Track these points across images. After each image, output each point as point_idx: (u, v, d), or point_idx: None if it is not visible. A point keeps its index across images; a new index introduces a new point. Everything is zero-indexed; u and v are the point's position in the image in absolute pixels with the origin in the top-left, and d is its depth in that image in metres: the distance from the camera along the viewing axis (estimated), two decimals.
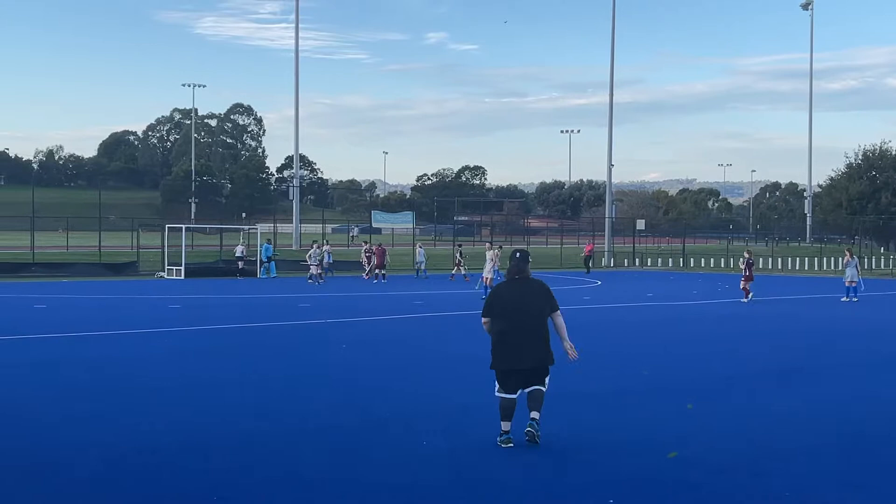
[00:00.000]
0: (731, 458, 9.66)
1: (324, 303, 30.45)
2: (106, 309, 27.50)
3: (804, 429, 11.21)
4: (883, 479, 9.01)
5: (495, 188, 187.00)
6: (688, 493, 8.41)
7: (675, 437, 10.62)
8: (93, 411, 11.79)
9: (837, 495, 8.42)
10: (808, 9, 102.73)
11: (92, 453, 9.60)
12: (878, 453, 10.03)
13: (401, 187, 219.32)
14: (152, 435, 10.45)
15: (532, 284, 10.22)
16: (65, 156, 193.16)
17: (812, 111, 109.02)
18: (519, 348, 9.91)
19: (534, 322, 9.98)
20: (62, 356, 16.86)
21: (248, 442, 10.16)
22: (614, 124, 72.97)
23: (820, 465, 9.50)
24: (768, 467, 9.34)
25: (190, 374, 14.98)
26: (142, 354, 17.20)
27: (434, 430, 10.74)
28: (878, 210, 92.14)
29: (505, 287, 10.29)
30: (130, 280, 43.83)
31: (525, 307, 10.00)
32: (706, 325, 24.61)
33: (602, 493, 8.34)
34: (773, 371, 16.05)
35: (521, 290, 10.14)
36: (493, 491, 8.42)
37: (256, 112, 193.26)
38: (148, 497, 8.14)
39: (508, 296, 10.12)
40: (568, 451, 9.94)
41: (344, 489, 8.43)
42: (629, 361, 16.91)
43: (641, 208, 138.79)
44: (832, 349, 19.58)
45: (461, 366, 16.00)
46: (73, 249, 61.62)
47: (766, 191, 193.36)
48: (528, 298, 10.06)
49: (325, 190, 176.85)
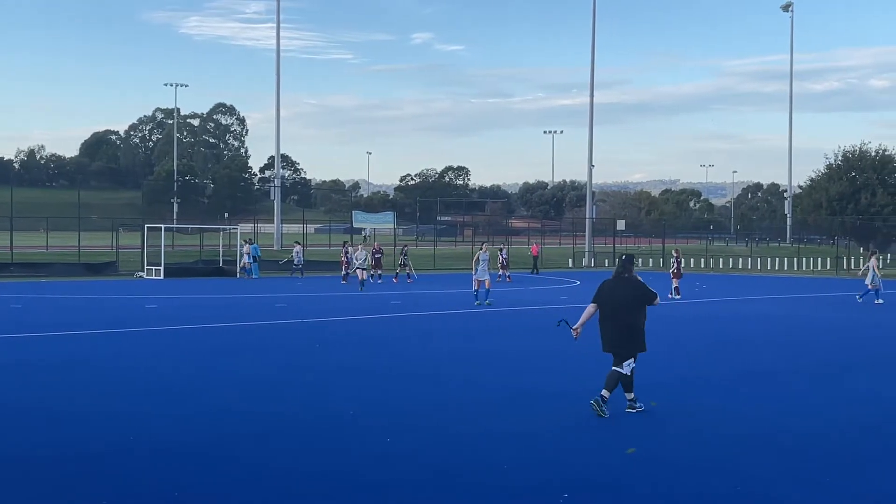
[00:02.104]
0: (687, 455, 9.81)
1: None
2: (81, 309, 27.49)
3: (771, 425, 11.39)
4: (835, 477, 9.18)
5: (479, 188, 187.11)
6: (644, 488, 8.56)
7: (635, 435, 10.77)
8: (46, 411, 11.86)
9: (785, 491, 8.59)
10: (789, 11, 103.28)
11: (41, 453, 9.68)
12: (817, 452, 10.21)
13: (385, 188, 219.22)
14: (117, 435, 10.54)
15: (629, 282, 12.05)
16: (46, 155, 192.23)
17: (792, 112, 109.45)
18: (605, 333, 11.94)
19: (620, 314, 11.80)
20: (27, 357, 16.92)
21: (217, 440, 10.26)
22: (599, 125, 73.44)
23: (773, 462, 9.66)
24: (725, 464, 9.50)
25: (158, 374, 15.05)
26: (113, 354, 17.24)
27: (400, 429, 10.87)
28: (858, 210, 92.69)
29: (607, 282, 12.19)
30: (109, 280, 43.76)
31: (616, 301, 11.88)
32: (678, 325, 24.75)
33: (557, 489, 8.47)
34: (738, 372, 16.22)
35: (618, 286, 12.02)
36: (449, 487, 8.55)
37: (239, 112, 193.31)
38: (127, 496, 8.23)
39: (607, 290, 12.09)
40: (527, 447, 10.07)
41: (304, 486, 8.54)
42: (603, 361, 17.05)
43: (624, 209, 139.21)
44: (807, 350, 19.76)
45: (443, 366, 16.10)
46: (53, 249, 61.43)
47: (747, 191, 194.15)
48: (620, 294, 11.91)
49: (307, 190, 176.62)
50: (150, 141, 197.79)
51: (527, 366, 16.44)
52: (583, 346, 19.23)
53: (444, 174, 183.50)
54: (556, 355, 17.66)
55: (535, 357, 17.58)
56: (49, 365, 15.79)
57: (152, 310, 27.32)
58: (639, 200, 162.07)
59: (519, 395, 13.39)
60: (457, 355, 17.69)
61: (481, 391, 13.70)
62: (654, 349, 19.30)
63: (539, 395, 13.30)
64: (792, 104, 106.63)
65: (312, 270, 51.80)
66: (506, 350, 18.54)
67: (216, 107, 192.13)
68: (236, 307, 28.81)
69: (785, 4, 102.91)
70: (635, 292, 11.97)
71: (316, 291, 36.83)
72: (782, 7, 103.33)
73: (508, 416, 11.82)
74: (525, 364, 16.63)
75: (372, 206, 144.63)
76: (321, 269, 52.38)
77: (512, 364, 16.62)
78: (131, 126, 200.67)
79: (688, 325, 24.39)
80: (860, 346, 20.27)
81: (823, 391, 14.24)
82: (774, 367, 16.59)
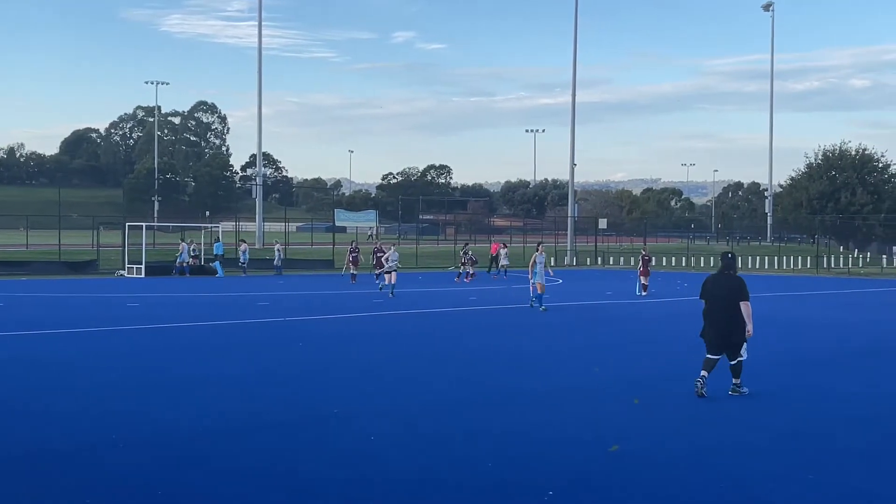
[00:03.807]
0: (670, 453, 9.85)
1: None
2: (60, 307, 27.36)
3: (747, 426, 11.45)
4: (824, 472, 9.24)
5: (461, 187, 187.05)
6: (626, 486, 8.58)
7: (618, 432, 10.80)
8: (28, 409, 11.80)
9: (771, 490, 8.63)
10: (769, 10, 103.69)
11: (19, 450, 9.64)
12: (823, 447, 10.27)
13: (366, 186, 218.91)
14: (99, 431, 10.50)
15: (731, 279, 13.27)
16: (26, 153, 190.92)
17: (773, 111, 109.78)
18: (712, 324, 13.17)
19: (725, 307, 13.05)
20: (5, 355, 16.84)
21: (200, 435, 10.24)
22: (581, 124, 73.57)
23: (759, 462, 9.71)
24: (710, 462, 9.54)
25: (137, 371, 14.99)
26: (94, 351, 17.18)
27: (381, 429, 10.87)
28: (838, 209, 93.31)
29: (712, 277, 13.56)
30: (90, 278, 43.56)
31: (720, 295, 13.17)
32: (660, 322, 24.83)
33: (542, 486, 8.49)
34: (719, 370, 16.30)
35: (722, 282, 13.30)
36: (433, 486, 8.56)
37: (221, 110, 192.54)
38: (111, 493, 8.20)
39: (712, 284, 13.40)
40: (511, 446, 10.09)
41: (284, 483, 8.53)
42: (581, 358, 17.12)
43: (605, 207, 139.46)
44: (800, 345, 19.86)
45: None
46: (33, 248, 61.07)
47: (728, 190, 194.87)
48: (723, 289, 13.19)
49: (289, 188, 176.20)
50: (131, 139, 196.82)
51: (513, 364, 16.45)
52: (563, 345, 19.26)
53: (426, 173, 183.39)
54: (543, 355, 17.70)
55: (523, 356, 17.60)
56: (30, 363, 15.70)
57: (134, 308, 27.21)
58: (620, 199, 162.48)
59: (505, 392, 13.41)
60: (444, 355, 17.71)
61: (468, 390, 13.71)
62: (631, 346, 19.50)
63: (522, 393, 13.32)
64: (773, 103, 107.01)
65: (294, 269, 51.73)
66: (497, 348, 18.56)
67: (197, 105, 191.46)
68: (220, 306, 28.71)
69: (766, 4, 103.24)
70: (738, 286, 13.15)
71: (298, 290, 36.78)
72: (763, 7, 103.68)
73: (492, 413, 11.83)
74: (512, 362, 16.65)
75: (354, 204, 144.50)
76: (302, 268, 52.15)
77: (500, 362, 16.63)
78: (112, 124, 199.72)
79: (662, 323, 24.46)
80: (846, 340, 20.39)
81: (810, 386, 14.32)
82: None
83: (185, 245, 48.68)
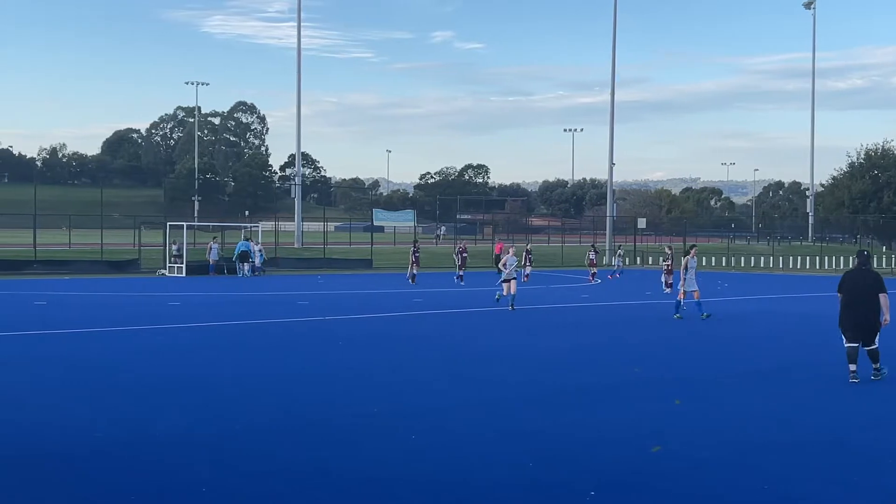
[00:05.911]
0: (712, 453, 9.78)
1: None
2: (103, 306, 27.65)
3: (783, 426, 11.34)
4: (861, 475, 9.13)
5: (498, 187, 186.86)
6: (669, 486, 8.54)
7: (660, 431, 10.74)
8: (64, 406, 11.95)
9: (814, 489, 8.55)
10: (811, 8, 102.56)
11: (65, 447, 9.76)
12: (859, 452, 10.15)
13: (404, 186, 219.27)
14: (144, 426, 10.61)
15: (868, 273, 14.71)
16: (68, 154, 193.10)
17: (814, 110, 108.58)
18: (852, 315, 14.43)
19: (863, 299, 14.40)
20: (56, 353, 17.04)
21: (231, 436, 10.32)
22: (619, 123, 73.29)
23: (798, 460, 9.62)
24: (749, 462, 9.46)
25: (179, 370, 15.12)
26: (138, 349, 17.35)
27: (421, 427, 10.89)
28: (880, 209, 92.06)
29: (850, 273, 14.95)
30: (131, 277, 44.01)
31: (859, 288, 14.50)
32: (699, 323, 24.65)
33: (584, 486, 8.47)
34: (760, 371, 16.16)
35: (861, 276, 14.67)
36: (478, 484, 8.56)
37: (260, 110, 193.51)
38: (150, 486, 8.29)
39: (851, 278, 14.76)
40: (552, 445, 10.06)
41: (325, 480, 8.57)
42: (622, 358, 17.03)
43: (644, 207, 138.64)
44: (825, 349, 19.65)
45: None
46: (76, 247, 61.77)
47: (769, 190, 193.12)
48: (861, 282, 14.54)
49: (327, 188, 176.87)
50: (172, 139, 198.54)
51: (552, 363, 16.40)
52: (608, 344, 19.18)
53: (463, 172, 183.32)
54: (582, 352, 17.64)
55: (561, 354, 17.55)
56: (71, 362, 15.89)
57: (175, 307, 27.44)
58: (659, 198, 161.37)
59: (547, 391, 13.39)
60: (481, 354, 17.72)
61: (506, 389, 13.71)
62: (653, 349, 19.40)
63: (566, 392, 13.29)
64: (814, 102, 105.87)
65: (333, 269, 51.99)
66: (536, 347, 18.53)
67: (237, 105, 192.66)
68: (261, 305, 28.87)
69: (807, 2, 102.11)
70: (875, 280, 14.52)
71: (338, 290, 36.93)
72: (804, 4, 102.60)
73: (533, 413, 11.81)
74: (550, 361, 16.60)
75: (392, 204, 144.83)
76: (341, 268, 52.28)
77: (538, 362, 16.60)
78: (153, 124, 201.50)
79: (700, 323, 24.28)
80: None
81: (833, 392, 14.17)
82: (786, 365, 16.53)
83: (214, 245, 48.55)
